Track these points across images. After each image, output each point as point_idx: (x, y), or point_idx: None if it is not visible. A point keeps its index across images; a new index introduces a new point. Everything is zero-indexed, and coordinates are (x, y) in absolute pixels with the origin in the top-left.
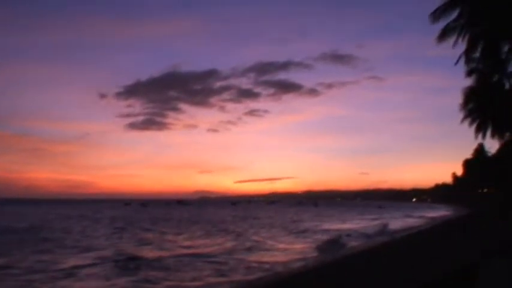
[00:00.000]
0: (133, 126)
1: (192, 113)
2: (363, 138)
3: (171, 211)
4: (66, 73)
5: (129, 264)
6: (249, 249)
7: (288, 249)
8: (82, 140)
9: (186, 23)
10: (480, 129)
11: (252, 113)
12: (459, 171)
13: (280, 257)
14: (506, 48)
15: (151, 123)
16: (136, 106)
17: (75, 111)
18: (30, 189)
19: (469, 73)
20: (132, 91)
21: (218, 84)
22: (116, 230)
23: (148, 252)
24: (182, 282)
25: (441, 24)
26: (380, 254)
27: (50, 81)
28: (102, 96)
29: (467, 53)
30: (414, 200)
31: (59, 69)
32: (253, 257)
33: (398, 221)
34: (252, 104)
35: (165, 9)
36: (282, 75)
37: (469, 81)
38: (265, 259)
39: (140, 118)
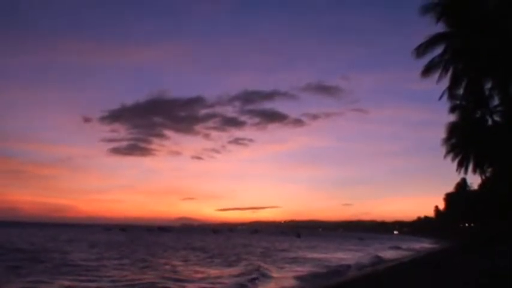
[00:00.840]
0: (117, 151)
1: (176, 140)
2: (346, 170)
3: (158, 238)
4: (51, 96)
5: None
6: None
7: (286, 278)
8: (65, 164)
9: (173, 50)
10: (462, 164)
11: (236, 141)
12: (441, 205)
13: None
14: (489, 84)
15: (135, 148)
16: (121, 131)
17: (59, 134)
18: (10, 211)
19: (452, 109)
20: (116, 116)
21: (203, 111)
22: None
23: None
24: None
25: (425, 59)
26: (361, 285)
27: (34, 104)
28: (87, 120)
29: (451, 89)
30: (396, 232)
31: (44, 92)
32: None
33: (386, 253)
34: (237, 133)
35: (152, 36)
36: (267, 105)
37: (452, 117)
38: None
39: (124, 143)
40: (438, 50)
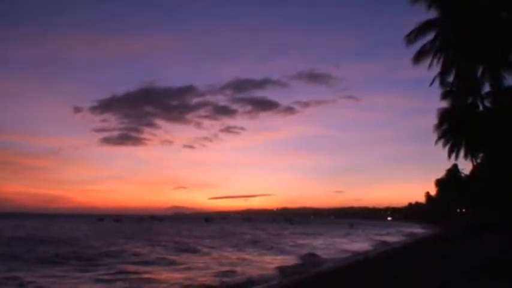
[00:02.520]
0: (108, 141)
1: (168, 129)
2: (338, 157)
3: (160, 227)
4: (41, 86)
5: None
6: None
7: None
8: (56, 154)
9: (163, 39)
10: (453, 149)
11: (228, 130)
12: (433, 191)
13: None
14: (480, 70)
15: (126, 138)
16: (112, 121)
17: (50, 125)
18: (1, 202)
19: (444, 96)
20: (107, 105)
21: (195, 100)
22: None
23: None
24: None
25: (416, 46)
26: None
27: (25, 94)
28: (77, 110)
29: (442, 75)
30: (389, 218)
31: (34, 82)
32: None
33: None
34: (228, 121)
35: (142, 25)
36: (259, 93)
37: (444, 103)
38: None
39: (115, 133)
40: (429, 37)
